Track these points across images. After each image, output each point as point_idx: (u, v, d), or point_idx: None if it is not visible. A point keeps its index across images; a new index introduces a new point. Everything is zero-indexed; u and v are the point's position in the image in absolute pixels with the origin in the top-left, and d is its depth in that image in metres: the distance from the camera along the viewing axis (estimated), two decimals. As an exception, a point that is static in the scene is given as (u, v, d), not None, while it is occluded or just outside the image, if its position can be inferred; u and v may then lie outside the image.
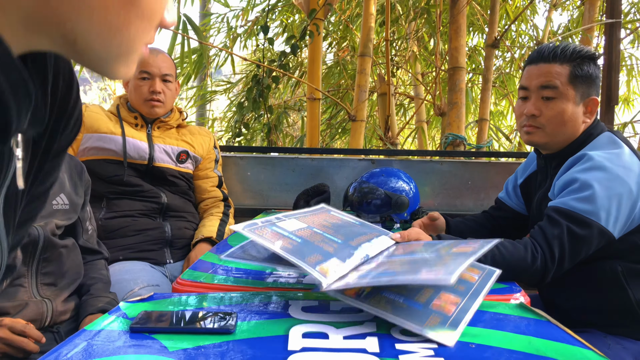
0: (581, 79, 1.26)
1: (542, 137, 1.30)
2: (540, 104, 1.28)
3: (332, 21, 4.93)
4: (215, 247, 1.37)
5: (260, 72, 3.04)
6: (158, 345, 0.70)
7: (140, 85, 1.72)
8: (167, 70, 1.75)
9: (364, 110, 3.45)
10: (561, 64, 1.26)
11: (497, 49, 3.97)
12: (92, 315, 1.18)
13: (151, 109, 1.74)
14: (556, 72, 1.26)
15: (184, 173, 1.83)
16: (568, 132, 1.28)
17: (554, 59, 1.26)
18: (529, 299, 0.97)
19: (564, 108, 1.26)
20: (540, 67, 1.28)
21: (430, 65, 5.28)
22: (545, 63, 1.28)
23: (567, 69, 1.25)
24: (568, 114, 1.26)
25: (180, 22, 2.76)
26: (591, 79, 1.27)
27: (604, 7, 4.21)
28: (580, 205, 1.15)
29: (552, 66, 1.26)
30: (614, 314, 1.24)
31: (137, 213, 1.71)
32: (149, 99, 1.73)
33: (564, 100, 1.26)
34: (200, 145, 1.87)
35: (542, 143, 1.31)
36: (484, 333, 0.76)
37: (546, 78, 1.27)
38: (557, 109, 1.26)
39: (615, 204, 1.15)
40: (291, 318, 0.81)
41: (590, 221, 1.14)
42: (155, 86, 1.72)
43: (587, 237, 1.14)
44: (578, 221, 1.14)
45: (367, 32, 3.32)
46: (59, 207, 1.23)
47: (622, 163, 1.19)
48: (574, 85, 1.25)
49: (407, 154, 2.60)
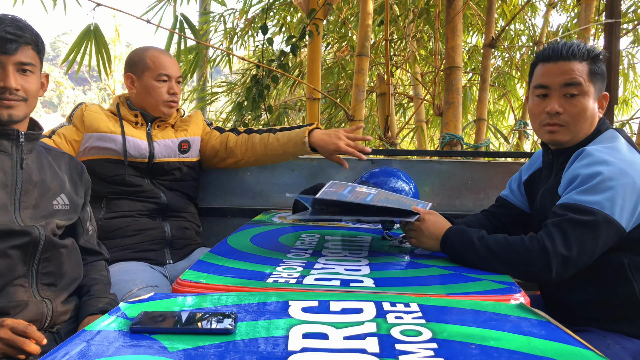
0: (598, 76, 1.28)
1: (565, 134, 1.31)
2: (563, 102, 1.29)
3: (330, 20, 4.92)
4: (216, 247, 1.37)
5: (260, 72, 3.04)
6: (158, 346, 0.70)
7: (160, 87, 1.75)
8: (179, 72, 1.81)
9: (362, 110, 3.45)
10: (580, 62, 1.27)
11: (496, 49, 3.98)
12: (92, 316, 1.18)
13: (169, 109, 1.79)
14: (578, 69, 1.27)
15: (188, 162, 1.84)
16: (586, 128, 1.30)
17: (573, 57, 1.27)
18: (528, 299, 0.98)
19: (586, 105, 1.28)
20: (561, 65, 1.29)
21: (428, 66, 5.28)
22: (566, 61, 1.28)
23: (587, 67, 1.27)
24: (590, 110, 1.28)
25: (177, 22, 2.77)
26: (603, 76, 1.30)
27: (600, 7, 4.22)
28: (582, 197, 1.16)
29: (573, 64, 1.28)
30: (619, 308, 1.23)
31: (137, 213, 1.71)
32: (169, 101, 1.77)
33: (586, 97, 1.27)
34: (195, 125, 1.90)
35: (565, 140, 1.32)
36: (484, 333, 0.76)
37: (570, 76, 1.27)
38: (581, 105, 1.28)
39: (620, 194, 1.15)
40: (291, 318, 0.81)
41: (593, 209, 1.14)
42: (174, 88, 1.77)
43: (590, 224, 1.13)
44: (579, 210, 1.15)
45: (365, 32, 3.32)
46: (59, 208, 1.23)
47: (621, 156, 1.20)
48: (593, 82, 1.28)
49: (407, 154, 2.60)
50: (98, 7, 2.48)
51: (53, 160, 1.28)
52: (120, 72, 8.10)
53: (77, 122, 1.72)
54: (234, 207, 2.18)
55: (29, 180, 1.18)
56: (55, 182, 1.24)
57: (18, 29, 1.13)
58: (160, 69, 1.74)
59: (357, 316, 0.82)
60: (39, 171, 1.21)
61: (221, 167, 2.00)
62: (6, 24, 1.12)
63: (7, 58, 1.12)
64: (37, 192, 1.19)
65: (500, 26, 4.69)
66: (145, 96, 1.76)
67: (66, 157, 1.34)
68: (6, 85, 1.12)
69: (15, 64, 1.13)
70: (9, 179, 1.15)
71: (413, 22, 4.39)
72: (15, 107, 1.14)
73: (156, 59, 1.75)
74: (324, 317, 0.81)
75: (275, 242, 1.46)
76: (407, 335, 0.74)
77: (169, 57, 1.79)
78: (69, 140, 1.69)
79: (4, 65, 1.12)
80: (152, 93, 1.75)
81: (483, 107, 3.75)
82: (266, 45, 3.17)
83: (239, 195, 2.19)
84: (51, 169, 1.25)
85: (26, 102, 1.17)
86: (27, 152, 1.19)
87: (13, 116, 1.14)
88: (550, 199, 1.32)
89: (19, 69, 1.14)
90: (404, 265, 1.24)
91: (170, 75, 1.76)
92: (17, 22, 1.14)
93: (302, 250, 1.34)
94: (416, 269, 1.20)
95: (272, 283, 1.03)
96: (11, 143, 1.17)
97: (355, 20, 4.59)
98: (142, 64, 1.75)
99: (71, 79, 23.52)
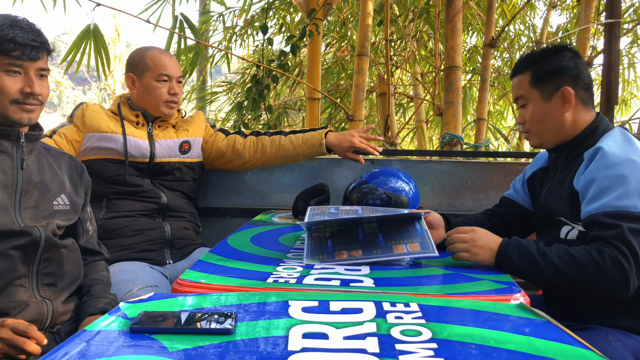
0: (544, 77, 1.35)
1: (534, 139, 1.41)
2: (521, 112, 1.42)
3: (330, 20, 4.92)
4: (216, 247, 1.37)
5: (260, 72, 3.04)
6: (158, 346, 0.70)
7: (160, 87, 1.75)
8: (180, 72, 1.81)
9: (361, 109, 3.45)
10: (522, 74, 1.39)
11: (496, 49, 3.98)
12: (92, 316, 1.18)
13: (170, 110, 1.79)
14: (518, 83, 1.40)
15: (188, 163, 1.85)
16: (553, 127, 1.36)
17: (516, 72, 1.41)
18: (528, 299, 0.98)
19: (536, 109, 1.36)
20: (512, 81, 1.43)
21: (428, 66, 5.28)
22: (513, 78, 1.42)
23: (528, 76, 1.37)
24: (542, 112, 1.36)
25: (177, 22, 2.77)
26: (558, 73, 1.34)
27: (600, 7, 4.22)
28: (624, 202, 1.15)
29: (516, 79, 1.41)
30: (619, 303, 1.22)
31: (137, 213, 1.71)
32: (169, 101, 1.77)
33: (532, 103, 1.37)
34: (196, 126, 1.90)
35: (537, 144, 1.41)
36: (484, 333, 0.76)
37: (515, 92, 1.41)
38: (531, 111, 1.37)
39: None
40: (291, 318, 0.81)
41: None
42: (175, 88, 1.77)
43: None
44: (631, 218, 1.13)
45: (365, 31, 3.32)
46: (59, 208, 1.23)
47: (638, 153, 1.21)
48: (537, 86, 1.36)
49: (407, 154, 2.59)
50: (98, 7, 2.48)
51: (53, 161, 1.28)
52: (120, 72, 8.11)
53: (78, 122, 1.72)
54: (234, 207, 2.18)
55: (29, 181, 1.18)
56: (56, 183, 1.24)
57: (38, 36, 1.16)
58: (161, 69, 1.74)
59: (357, 316, 0.82)
60: (39, 172, 1.21)
61: (226, 168, 2.02)
62: (26, 30, 1.14)
63: (31, 64, 1.15)
64: (37, 192, 1.19)
65: (500, 26, 4.69)
66: (145, 96, 1.76)
67: (66, 157, 1.34)
68: (33, 91, 1.15)
69: (37, 70, 1.16)
70: (9, 180, 1.15)
71: (413, 22, 4.39)
72: (34, 111, 1.18)
73: (157, 59, 1.75)
74: (324, 317, 0.81)
75: (275, 242, 1.46)
76: (407, 335, 0.74)
77: (170, 58, 1.79)
78: (70, 140, 1.69)
79: (27, 71, 1.15)
80: (152, 93, 1.75)
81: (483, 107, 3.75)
82: (266, 45, 3.17)
83: (239, 195, 2.19)
84: (51, 170, 1.25)
85: (41, 105, 1.20)
86: (27, 153, 1.19)
87: (32, 120, 1.18)
88: (554, 196, 1.33)
89: (38, 74, 1.17)
90: (404, 265, 1.24)
91: (170, 76, 1.76)
92: (32, 26, 1.16)
93: (302, 250, 1.34)
94: (416, 269, 1.20)
95: (272, 283, 1.03)
96: (12, 144, 1.17)
97: (355, 20, 4.59)
98: (143, 64, 1.75)
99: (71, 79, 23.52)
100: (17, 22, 1.14)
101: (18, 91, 1.13)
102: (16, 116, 1.14)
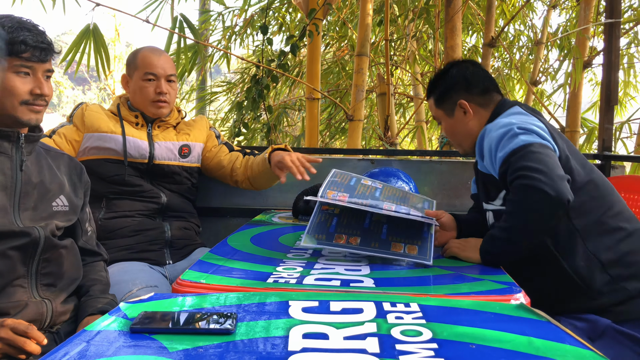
0: (441, 98, 1.53)
1: (458, 149, 1.60)
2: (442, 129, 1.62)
3: (330, 20, 4.92)
4: (216, 247, 1.37)
5: (259, 72, 3.04)
6: (158, 346, 0.70)
7: (146, 87, 1.72)
8: (171, 71, 1.77)
9: (361, 109, 3.45)
10: (429, 99, 1.59)
11: (495, 49, 3.98)
12: (91, 317, 1.18)
13: (158, 109, 1.75)
14: (429, 107, 1.61)
15: (187, 167, 1.83)
16: (464, 135, 1.52)
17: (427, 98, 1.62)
18: (529, 299, 0.98)
19: (446, 126, 1.56)
20: None
21: (428, 66, 5.28)
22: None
23: (432, 100, 1.57)
24: (451, 127, 1.54)
25: (177, 22, 2.77)
26: (450, 90, 1.51)
27: (599, 7, 4.22)
28: (515, 140, 1.25)
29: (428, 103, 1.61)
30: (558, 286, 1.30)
31: (136, 213, 1.70)
32: (156, 100, 1.73)
33: (443, 121, 1.56)
34: (198, 130, 1.88)
35: (462, 152, 1.59)
36: (484, 333, 0.76)
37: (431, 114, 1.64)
38: (444, 129, 1.58)
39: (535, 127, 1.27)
40: (291, 318, 0.81)
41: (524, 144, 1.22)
42: (162, 87, 1.73)
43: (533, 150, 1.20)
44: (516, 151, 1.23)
45: (364, 31, 3.32)
46: (58, 209, 1.23)
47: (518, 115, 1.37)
48: (440, 106, 1.55)
49: (407, 154, 2.59)
50: (97, 7, 2.48)
51: (52, 161, 1.28)
52: (120, 72, 8.11)
53: (78, 122, 1.72)
54: (234, 207, 2.18)
55: (29, 182, 1.18)
56: (55, 184, 1.24)
57: (45, 37, 1.17)
58: (147, 68, 1.72)
59: (357, 316, 0.82)
60: (38, 173, 1.21)
61: (221, 180, 1.98)
62: (34, 32, 1.14)
63: (40, 65, 1.16)
64: (36, 193, 1.19)
65: (499, 26, 4.69)
66: (135, 96, 1.75)
67: (65, 157, 1.33)
68: (43, 93, 1.16)
69: (45, 71, 1.17)
70: (8, 181, 1.15)
71: (413, 22, 4.39)
72: (41, 112, 1.19)
73: (144, 59, 1.73)
74: (324, 317, 0.81)
75: (275, 242, 1.46)
76: (408, 336, 0.74)
77: (158, 56, 1.75)
78: (69, 140, 1.69)
79: (36, 72, 1.16)
80: (139, 92, 1.73)
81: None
82: (265, 45, 3.17)
83: (239, 195, 2.19)
84: (50, 171, 1.25)
85: (47, 106, 1.21)
86: (26, 154, 1.19)
87: (39, 120, 1.19)
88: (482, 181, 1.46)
89: (45, 75, 1.18)
90: (404, 265, 1.24)
91: (157, 74, 1.73)
92: (38, 27, 1.17)
93: (302, 250, 1.34)
94: (416, 269, 1.20)
95: (272, 283, 1.03)
96: (11, 145, 1.17)
97: (355, 20, 4.59)
98: (134, 64, 1.75)
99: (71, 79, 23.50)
100: (24, 23, 1.14)
101: (28, 92, 1.14)
102: (25, 117, 1.15)
